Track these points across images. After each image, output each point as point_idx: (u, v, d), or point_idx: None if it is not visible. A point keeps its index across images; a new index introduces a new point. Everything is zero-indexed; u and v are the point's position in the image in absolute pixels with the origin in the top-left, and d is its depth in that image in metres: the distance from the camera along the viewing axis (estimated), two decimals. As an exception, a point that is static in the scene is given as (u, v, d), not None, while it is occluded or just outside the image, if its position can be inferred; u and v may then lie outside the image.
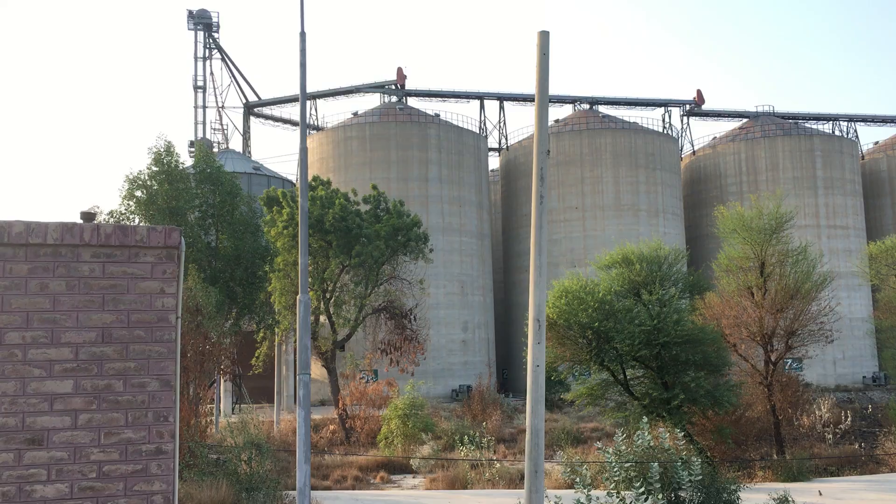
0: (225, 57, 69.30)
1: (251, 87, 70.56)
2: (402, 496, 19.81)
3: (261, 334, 36.69)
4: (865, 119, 71.82)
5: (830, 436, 29.02)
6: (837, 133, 68.23)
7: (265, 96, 70.24)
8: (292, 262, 32.26)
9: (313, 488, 20.41)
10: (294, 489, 13.84)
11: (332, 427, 33.46)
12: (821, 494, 15.75)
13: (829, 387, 52.78)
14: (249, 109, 70.20)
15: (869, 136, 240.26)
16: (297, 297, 12.45)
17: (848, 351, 58.48)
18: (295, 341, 28.77)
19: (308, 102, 65.03)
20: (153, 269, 5.51)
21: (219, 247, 34.89)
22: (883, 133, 72.85)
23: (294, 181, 59.49)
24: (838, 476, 22.58)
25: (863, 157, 70.11)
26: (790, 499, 15.65)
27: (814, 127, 67.83)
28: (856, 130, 70.56)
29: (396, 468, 25.32)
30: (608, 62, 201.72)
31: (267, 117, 71.10)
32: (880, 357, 53.01)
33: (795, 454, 23.91)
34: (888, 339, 34.70)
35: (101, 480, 5.26)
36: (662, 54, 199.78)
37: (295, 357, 36.52)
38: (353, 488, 22.18)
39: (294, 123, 70.76)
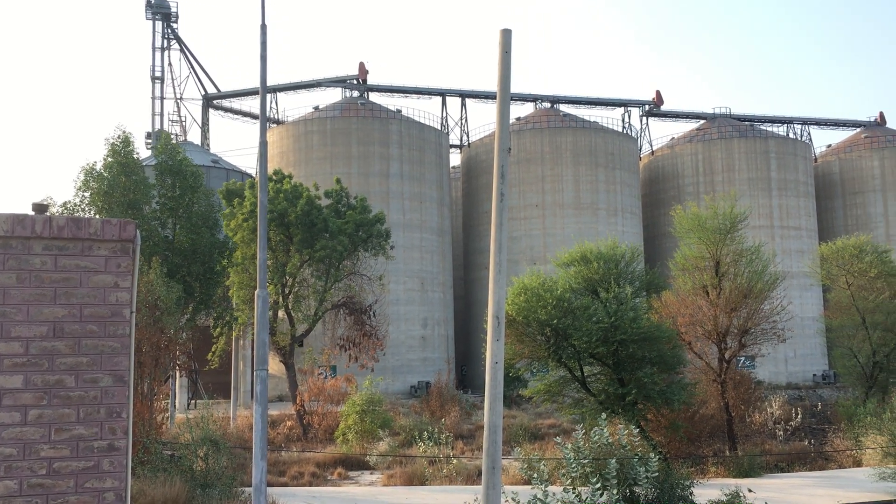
0: (184, 48, 68.31)
1: (210, 78, 69.72)
2: (359, 492, 19.76)
3: (218, 329, 36.27)
4: (819, 122, 73.37)
5: (781, 433, 29.62)
6: (792, 136, 69.62)
7: (225, 88, 69.45)
8: (251, 256, 31.96)
9: (270, 485, 20.25)
10: (250, 486, 13.72)
11: (289, 423, 33.25)
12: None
13: (780, 384, 53.87)
14: (208, 101, 69.31)
15: (822, 140, 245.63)
16: (255, 292, 12.34)
17: (799, 349, 59.75)
18: (253, 336, 28.53)
19: (268, 96, 64.38)
20: (107, 262, 5.42)
21: (176, 241, 34.40)
22: (836, 136, 74.69)
23: (253, 175, 58.90)
24: (788, 472, 23.07)
25: (816, 160, 71.61)
26: (742, 494, 15.95)
27: (769, 129, 69.11)
28: (809, 133, 72.11)
29: (354, 464, 25.25)
30: (570, 61, 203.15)
31: (226, 110, 70.28)
32: (830, 356, 54.15)
33: (747, 450, 24.36)
34: (838, 338, 35.42)
35: (51, 477, 5.16)
36: (623, 55, 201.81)
37: (253, 352, 36.22)
38: (310, 485, 22.07)
39: (254, 116, 70.04)
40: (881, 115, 73.74)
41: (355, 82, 62.72)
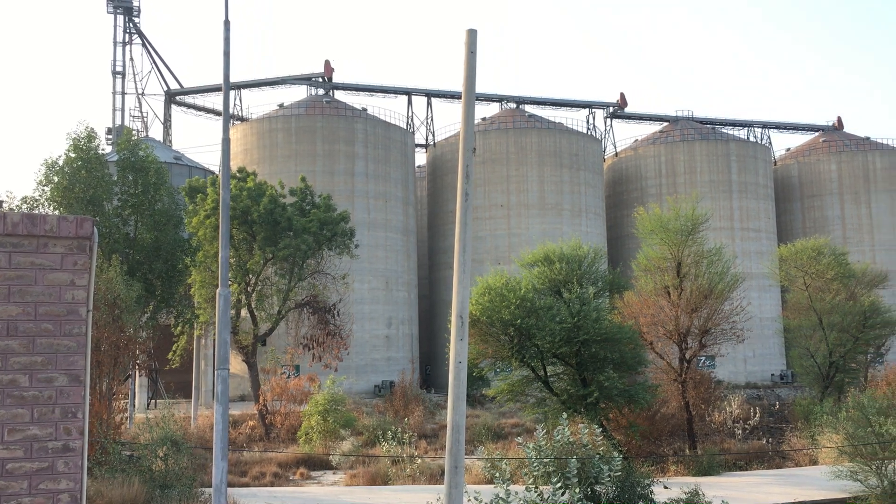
0: (146, 42, 67.35)
1: (173, 74, 68.83)
2: (321, 493, 19.66)
3: (179, 328, 35.84)
4: (779, 126, 74.60)
5: (740, 431, 30.08)
6: (752, 139, 70.68)
7: (188, 84, 68.59)
8: (213, 254, 31.63)
9: (231, 485, 20.06)
10: (210, 486, 13.56)
11: (251, 423, 32.97)
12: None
13: (739, 384, 54.71)
14: (171, 97, 68.41)
15: (782, 143, 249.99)
16: (217, 291, 12.22)
17: (758, 349, 60.72)
18: (215, 335, 28.23)
19: (232, 92, 63.82)
20: (63, 260, 5.32)
21: (137, 238, 33.91)
22: (795, 140, 76.14)
23: (217, 172, 58.25)
24: (747, 470, 23.43)
25: (775, 163, 72.80)
26: (701, 492, 16.18)
27: (730, 132, 70.10)
28: (769, 137, 73.23)
29: (317, 464, 25.12)
30: (536, 63, 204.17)
31: (189, 106, 69.41)
32: (788, 355, 55.12)
33: (706, 449, 24.69)
34: (795, 338, 36.09)
35: (3, 478, 5.06)
36: (588, 57, 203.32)
37: (214, 351, 35.84)
38: (272, 485, 21.90)
39: (217, 113, 69.29)
40: (839, 119, 75.20)
41: (321, 80, 62.35)
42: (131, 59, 66.74)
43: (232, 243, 32.77)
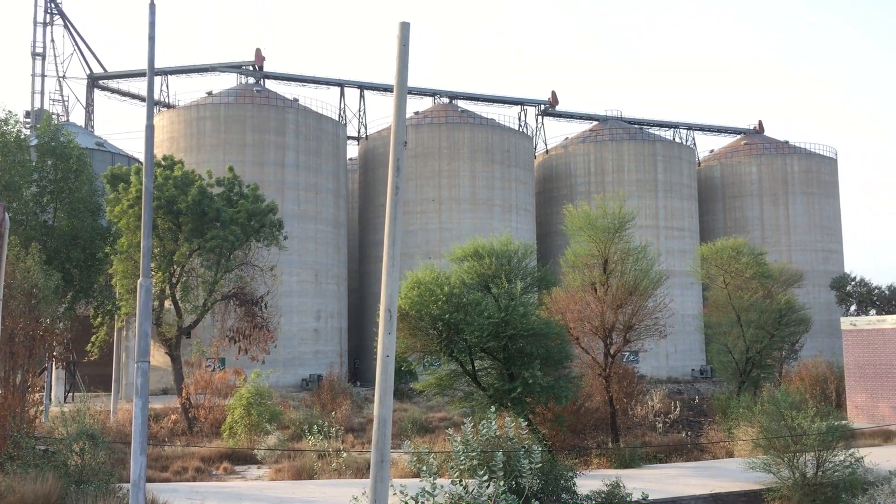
0: (68, 24, 65.05)
1: (96, 57, 66.66)
2: (244, 487, 19.39)
3: (98, 319, 34.81)
4: (703, 128, 76.67)
5: (661, 425, 30.84)
6: (678, 140, 72.47)
7: (112, 68, 66.66)
8: (136, 243, 30.82)
9: (151, 480, 19.61)
10: (129, 482, 13.22)
11: (174, 417, 32.27)
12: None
13: (661, 379, 56.12)
14: (94, 81, 66.27)
15: (706, 145, 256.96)
16: (139, 281, 11.90)
17: (680, 345, 62.42)
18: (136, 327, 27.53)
19: (158, 78, 62.20)
20: (-28, 246, 5.09)
21: (55, 225, 32.77)
22: (718, 142, 78.38)
23: (141, 159, 56.69)
24: (666, 463, 24.05)
25: (699, 164, 74.83)
26: (621, 485, 16.54)
27: (657, 133, 71.73)
28: (694, 138, 75.23)
29: (241, 459, 24.77)
30: (469, 58, 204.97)
31: (113, 91, 67.34)
32: (707, 351, 56.78)
33: (628, 442, 25.26)
34: (715, 334, 37.15)
35: None
36: (521, 53, 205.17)
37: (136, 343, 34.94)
38: (195, 480, 21.50)
39: (142, 99, 67.37)
40: (760, 123, 77.72)
41: (251, 69, 61.27)
42: (52, 40, 64.40)
43: (157, 233, 31.99)
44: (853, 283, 65.91)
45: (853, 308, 65.81)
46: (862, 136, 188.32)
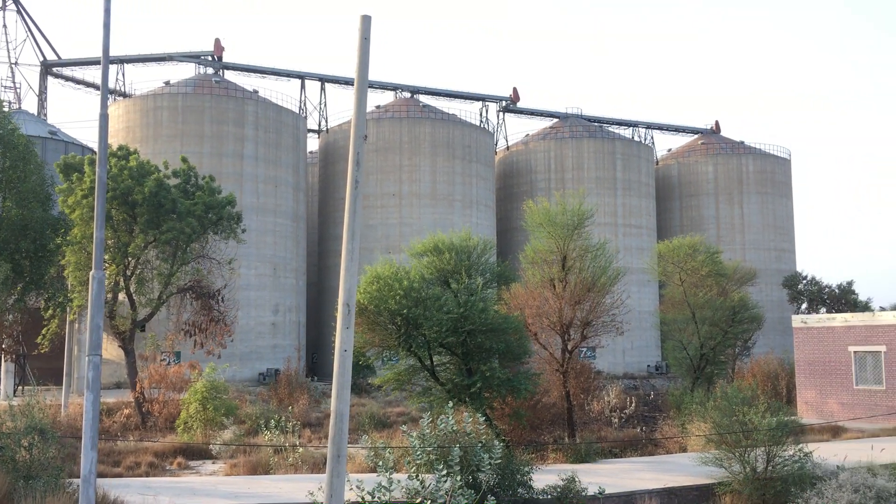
0: (21, 9, 63.52)
1: (50, 44, 65.21)
2: (198, 482, 19.15)
3: (49, 311, 34.10)
4: (661, 127, 77.59)
5: (617, 420, 31.20)
6: (637, 139, 73.26)
7: (66, 56, 65.14)
8: (90, 234, 30.24)
9: (102, 476, 19.29)
10: (80, 477, 12.96)
11: (127, 411, 31.76)
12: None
13: (618, 374, 56.77)
14: (47, 68, 64.79)
15: (664, 144, 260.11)
16: (91, 273, 11.67)
17: (636, 342, 63.18)
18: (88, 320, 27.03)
19: (115, 67, 61.02)
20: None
21: (4, 215, 31.98)
22: (675, 141, 79.37)
23: (96, 149, 55.60)
24: (621, 457, 24.33)
25: (657, 163, 75.75)
26: (577, 479, 16.69)
27: (616, 131, 72.41)
28: (653, 137, 76.09)
29: (195, 454, 24.47)
30: (431, 53, 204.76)
31: (67, 78, 65.92)
32: (663, 348, 57.59)
33: (584, 437, 25.50)
34: (670, 331, 37.69)
35: None
36: (483, 50, 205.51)
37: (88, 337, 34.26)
38: (148, 475, 21.19)
39: (98, 87, 65.97)
40: (717, 123, 78.91)
41: (210, 59, 60.40)
42: (4, 25, 62.88)
43: (111, 224, 31.43)
44: (805, 281, 67.32)
45: (804, 306, 67.25)
46: (814, 137, 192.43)
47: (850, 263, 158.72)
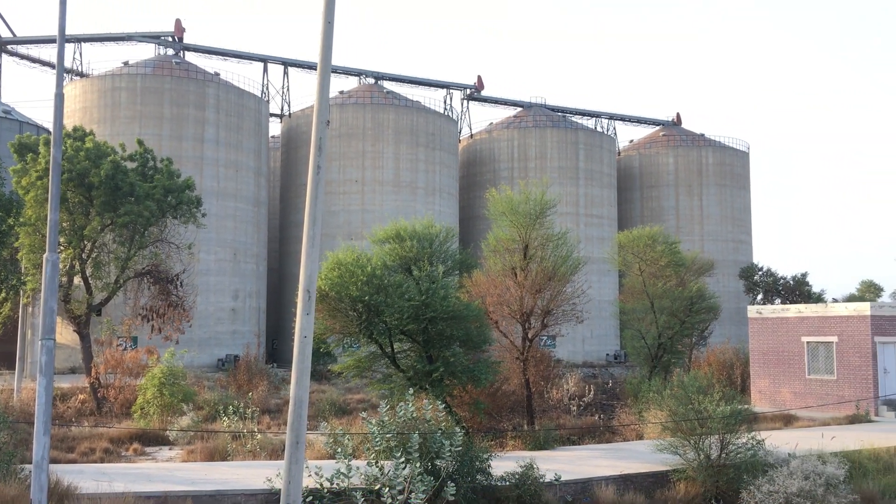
0: (-26, -17, 61.59)
1: (5, 21, 63.47)
2: (154, 469, 18.95)
3: (2, 294, 33.37)
4: (624, 118, 78.22)
5: (575, 408, 31.52)
6: (599, 129, 73.78)
7: (22, 33, 63.51)
8: (45, 216, 29.62)
9: (55, 461, 18.99)
10: (32, 463, 12.75)
11: (82, 396, 31.28)
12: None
13: (577, 363, 57.34)
14: (2, 46, 63.10)
15: (626, 135, 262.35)
16: (45, 256, 11.44)
17: (596, 330, 63.85)
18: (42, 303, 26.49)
19: (72, 45, 59.70)
20: None
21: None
22: (638, 133, 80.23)
23: (51, 129, 54.39)
24: (579, 445, 24.60)
25: (619, 154, 76.39)
26: (535, 466, 16.85)
27: (579, 121, 72.83)
28: (615, 128, 76.68)
29: (152, 440, 24.20)
30: (396, 39, 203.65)
31: (23, 56, 64.26)
32: (622, 336, 58.28)
33: (543, 425, 25.73)
34: (629, 320, 38.15)
35: None
36: (448, 38, 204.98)
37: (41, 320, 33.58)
38: (102, 461, 20.92)
39: (54, 66, 64.54)
40: (678, 115, 79.78)
41: (170, 40, 59.33)
42: (-44, -1, 60.92)
43: (67, 206, 30.84)
44: (760, 272, 68.53)
45: (760, 297, 68.48)
46: (771, 130, 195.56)
47: (804, 256, 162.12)
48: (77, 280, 32.63)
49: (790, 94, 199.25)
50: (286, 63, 63.50)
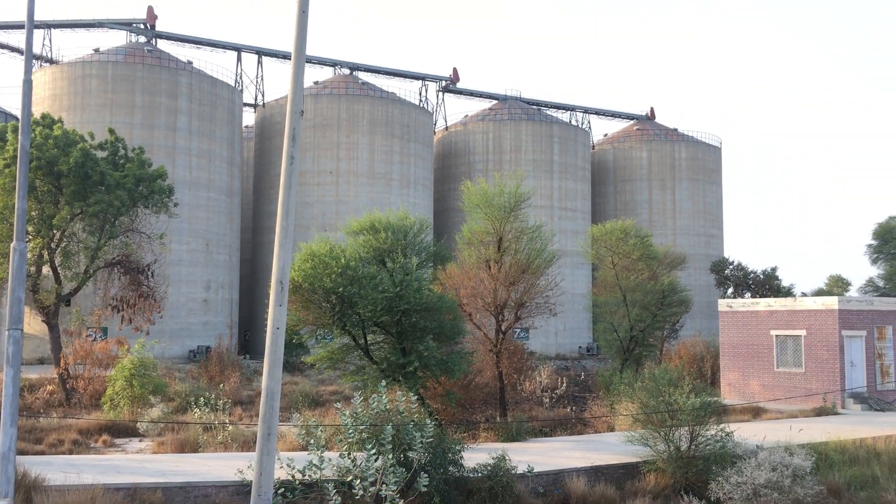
0: (-60, -34, 60.32)
1: (-28, 4, 62.19)
2: (124, 460, 18.78)
3: (-31, 284, 32.84)
4: (598, 112, 78.54)
5: (548, 400, 31.71)
6: (574, 123, 74.05)
7: (-11, 17, 62.20)
8: (13, 205, 29.15)
9: (23, 453, 18.77)
10: (-1, 455, 12.56)
11: (50, 387, 30.90)
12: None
13: (550, 355, 57.64)
14: (-31, 30, 61.85)
15: (600, 129, 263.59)
16: (12, 245, 11.26)
17: (569, 323, 64.22)
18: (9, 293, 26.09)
19: (41, 31, 58.73)
20: None
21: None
22: (612, 126, 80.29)
23: (20, 116, 53.46)
24: (551, 436, 24.75)
25: (593, 147, 76.75)
26: (507, 457, 16.92)
27: (554, 115, 73.01)
28: (589, 122, 76.97)
29: (122, 431, 23.98)
30: (372, 30, 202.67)
31: (-10, 42, 63.06)
32: (595, 329, 58.67)
33: (516, 416, 25.85)
34: (602, 313, 38.39)
35: None
36: (424, 29, 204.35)
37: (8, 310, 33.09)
38: (71, 453, 20.69)
39: (22, 52, 63.43)
40: (652, 110, 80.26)
41: (143, 27, 58.55)
42: (-79, -18, 59.63)
43: (35, 195, 30.39)
44: (731, 266, 69.25)
45: (730, 291, 69.22)
46: (743, 126, 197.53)
47: (774, 250, 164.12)
48: (46, 270, 32.20)
49: (762, 90, 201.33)
50: (260, 52, 62.98)
